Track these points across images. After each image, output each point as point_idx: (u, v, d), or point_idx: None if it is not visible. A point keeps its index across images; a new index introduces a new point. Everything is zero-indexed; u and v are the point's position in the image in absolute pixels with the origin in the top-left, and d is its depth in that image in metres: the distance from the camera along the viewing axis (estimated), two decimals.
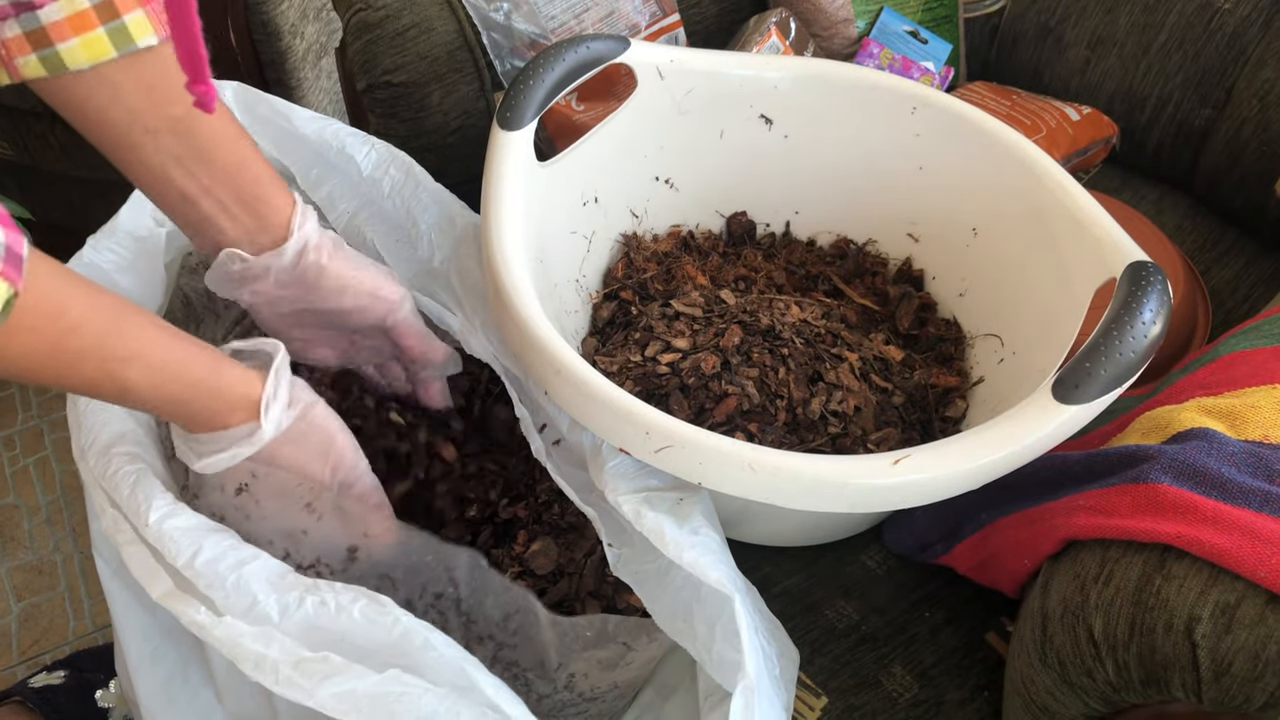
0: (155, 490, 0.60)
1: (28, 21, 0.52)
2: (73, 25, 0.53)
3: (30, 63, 0.53)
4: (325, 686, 0.53)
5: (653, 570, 0.59)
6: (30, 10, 0.52)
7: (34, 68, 0.53)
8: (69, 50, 0.53)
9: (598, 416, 0.60)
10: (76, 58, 0.53)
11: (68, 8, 0.52)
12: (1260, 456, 0.58)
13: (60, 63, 0.53)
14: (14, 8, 0.52)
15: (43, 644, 1.23)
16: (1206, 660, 0.52)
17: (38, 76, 0.53)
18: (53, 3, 0.52)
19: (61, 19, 0.52)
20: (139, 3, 0.55)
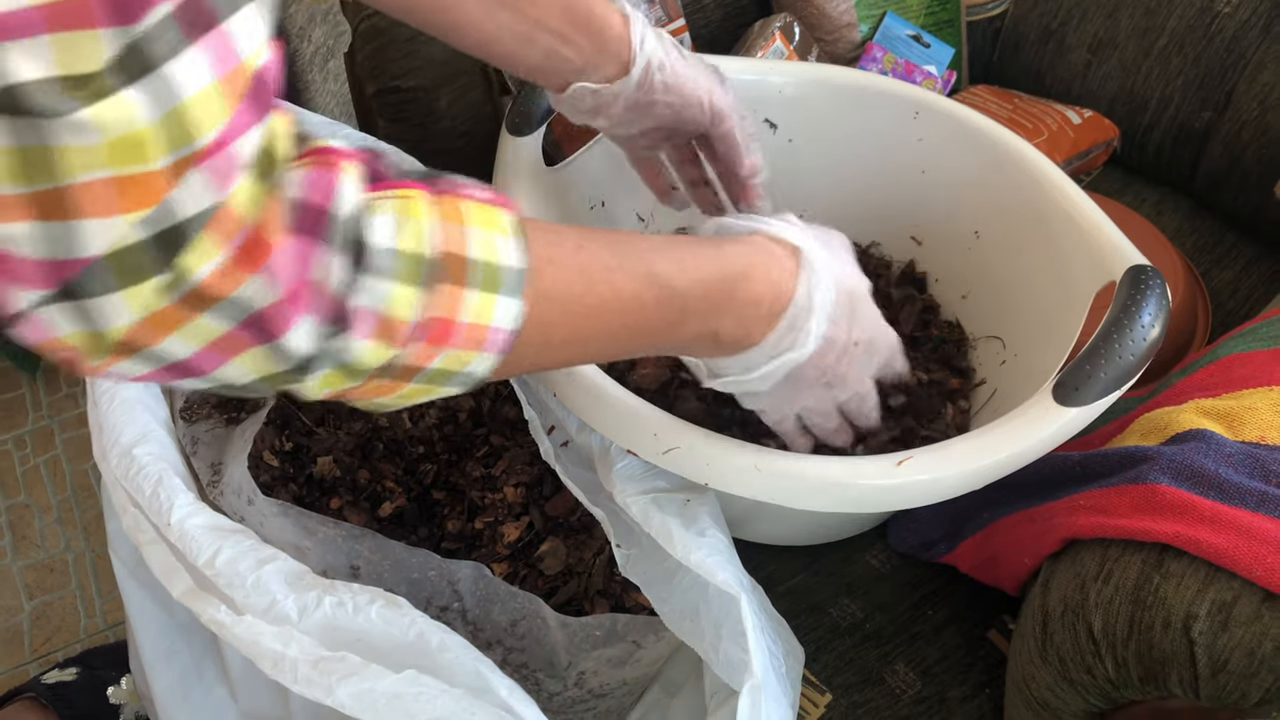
0: (177, 490, 0.62)
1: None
2: None
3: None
4: (344, 686, 0.54)
5: (661, 571, 0.60)
6: None
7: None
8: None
9: (606, 418, 0.61)
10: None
11: None
12: (1257, 457, 0.59)
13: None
14: None
15: (54, 642, 1.25)
16: (1204, 657, 0.53)
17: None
18: None
19: None
20: None
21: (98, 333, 0.32)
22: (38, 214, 0.29)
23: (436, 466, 0.77)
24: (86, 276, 0.31)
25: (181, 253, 0.32)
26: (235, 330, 0.34)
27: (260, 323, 0.34)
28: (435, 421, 0.79)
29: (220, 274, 0.33)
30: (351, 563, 0.62)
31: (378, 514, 0.75)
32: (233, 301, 0.33)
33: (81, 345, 0.33)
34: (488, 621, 0.62)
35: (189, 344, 0.34)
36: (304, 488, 0.75)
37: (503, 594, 0.61)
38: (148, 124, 0.29)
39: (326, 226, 0.35)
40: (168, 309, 0.32)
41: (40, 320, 0.32)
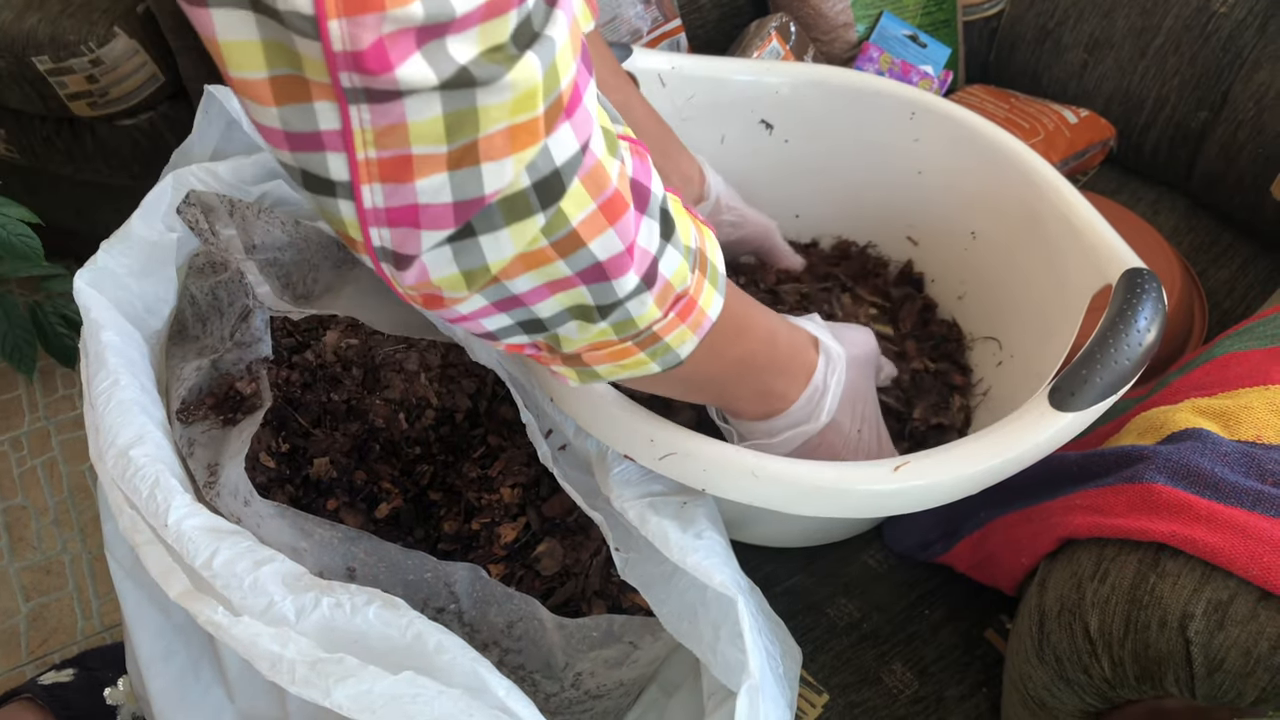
0: (174, 491, 0.62)
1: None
2: None
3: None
4: (341, 687, 0.54)
5: (658, 574, 0.60)
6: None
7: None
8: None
9: (603, 424, 0.61)
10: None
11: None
12: (1253, 456, 0.59)
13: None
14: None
15: (51, 643, 1.24)
16: (1200, 656, 0.53)
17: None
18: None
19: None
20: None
21: (479, 268, 0.38)
22: (451, 165, 0.35)
23: (433, 467, 0.77)
24: (482, 215, 0.36)
25: (560, 199, 0.38)
26: (574, 275, 0.41)
27: (599, 270, 0.41)
28: (432, 422, 0.79)
29: (588, 222, 0.39)
30: (348, 564, 0.62)
31: (374, 515, 0.75)
32: (589, 250, 0.40)
33: (454, 283, 0.39)
34: (484, 623, 0.62)
35: (535, 281, 0.40)
36: (300, 489, 0.75)
37: (499, 595, 0.61)
38: (541, 79, 0.35)
39: (650, 203, 0.42)
40: (543, 249, 0.39)
41: (429, 261, 0.38)
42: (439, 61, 0.32)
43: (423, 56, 0.32)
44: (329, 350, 0.79)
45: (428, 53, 0.32)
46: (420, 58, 0.32)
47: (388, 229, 0.37)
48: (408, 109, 0.33)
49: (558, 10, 0.35)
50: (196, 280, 0.78)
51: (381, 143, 0.34)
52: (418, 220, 0.36)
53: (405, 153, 0.34)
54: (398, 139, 0.34)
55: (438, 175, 0.35)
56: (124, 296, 0.75)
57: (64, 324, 1.16)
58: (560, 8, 0.35)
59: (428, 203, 0.36)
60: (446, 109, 0.33)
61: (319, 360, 0.79)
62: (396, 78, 0.32)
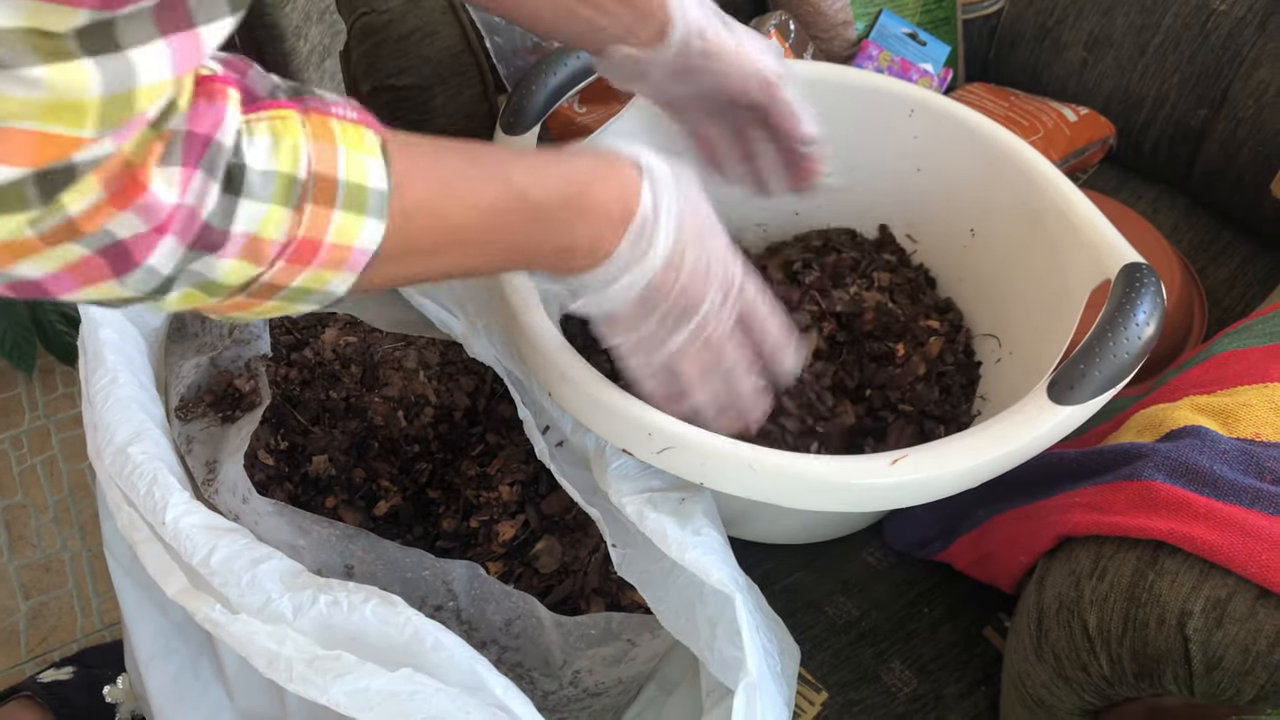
0: (172, 489, 0.61)
1: None
2: None
3: None
4: (339, 684, 0.54)
5: (656, 571, 0.60)
6: None
7: None
8: None
9: (601, 419, 0.61)
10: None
11: None
12: (1251, 454, 0.59)
13: None
14: None
15: (50, 641, 1.24)
16: (1198, 654, 0.53)
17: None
18: None
19: None
20: None
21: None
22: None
23: (432, 465, 0.77)
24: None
25: (61, 192, 0.32)
26: (95, 256, 0.35)
27: (122, 251, 0.35)
28: (430, 420, 0.79)
29: (92, 211, 0.33)
30: (346, 562, 0.62)
31: (373, 513, 0.75)
32: (100, 234, 0.34)
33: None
34: (482, 621, 0.62)
35: (44, 268, 0.35)
36: (299, 486, 0.75)
37: (497, 593, 0.61)
38: (95, 96, 0.30)
39: (208, 154, 0.36)
40: (28, 239, 0.33)
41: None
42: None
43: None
44: (328, 348, 0.79)
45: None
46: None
47: None
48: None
49: (162, 40, 0.31)
50: None
51: None
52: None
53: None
54: None
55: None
56: None
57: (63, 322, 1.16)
58: (170, 40, 0.31)
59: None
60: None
61: (318, 358, 0.79)
62: None
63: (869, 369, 0.78)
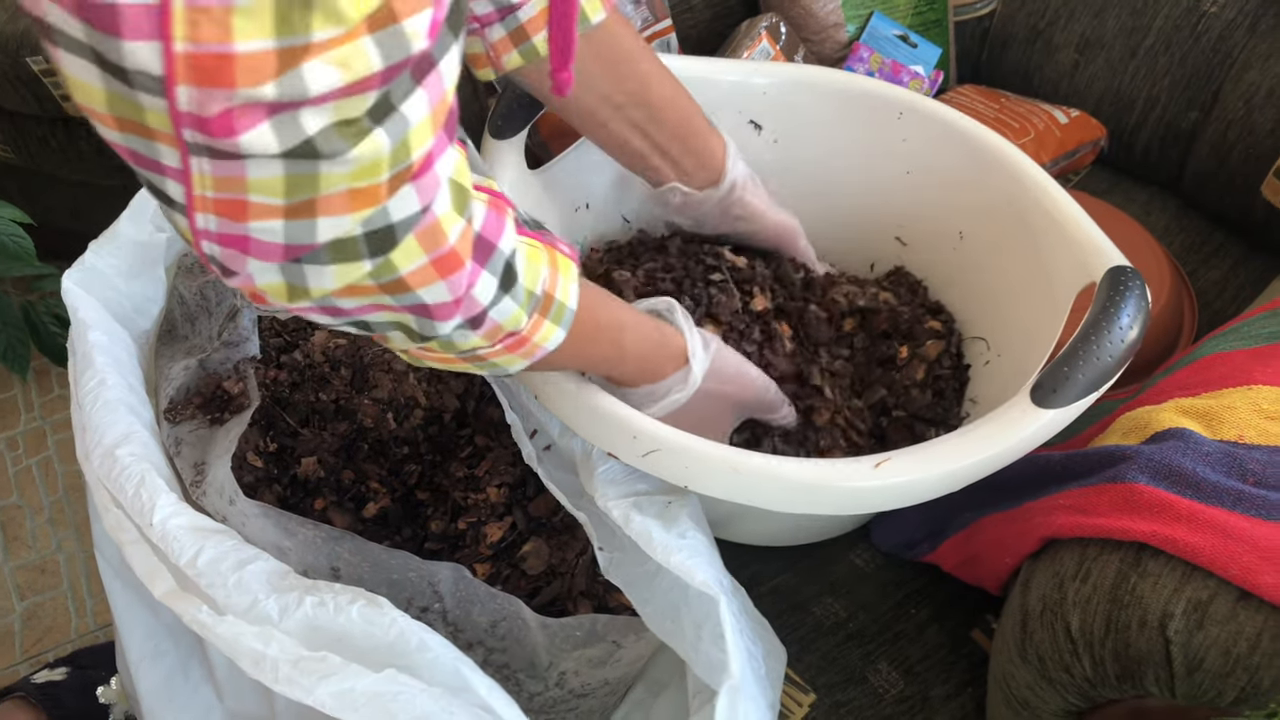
0: (159, 490, 0.62)
1: (510, 23, 0.63)
2: (543, 17, 0.63)
3: (512, 58, 0.64)
4: (324, 685, 0.54)
5: (642, 573, 0.60)
6: (512, 11, 0.62)
7: (514, 60, 0.64)
8: (541, 40, 0.63)
9: (587, 422, 0.61)
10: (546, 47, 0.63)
11: (540, 4, 0.62)
12: (1234, 456, 0.59)
13: (535, 52, 0.64)
14: (499, 13, 0.63)
15: (45, 642, 1.25)
16: (1179, 656, 0.53)
17: (517, 67, 0.65)
18: (528, 2, 0.62)
19: (535, 14, 0.63)
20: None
21: (301, 288, 0.40)
22: (288, 215, 0.36)
23: (421, 467, 0.78)
24: (310, 255, 0.38)
25: (390, 251, 0.39)
26: (400, 307, 0.43)
27: (425, 310, 0.44)
28: (420, 422, 0.80)
29: (420, 273, 0.41)
30: (332, 564, 0.62)
31: (362, 514, 0.75)
32: (415, 294, 0.42)
33: (279, 292, 0.40)
34: (468, 622, 0.62)
35: (359, 303, 0.42)
36: (288, 488, 0.75)
37: (483, 595, 0.61)
38: (388, 153, 0.36)
39: (493, 258, 0.45)
40: (368, 286, 0.41)
41: (254, 273, 0.39)
42: (286, 131, 0.33)
43: (270, 127, 0.32)
44: (317, 350, 0.80)
45: (277, 123, 0.32)
46: (268, 127, 0.32)
47: (218, 247, 0.38)
48: (248, 168, 0.34)
49: (420, 89, 0.36)
50: (185, 280, 0.78)
51: (219, 187, 0.35)
52: (248, 249, 0.37)
53: (241, 198, 0.35)
54: (235, 187, 0.35)
55: (273, 221, 0.36)
56: (112, 296, 0.75)
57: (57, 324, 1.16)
58: (424, 86, 0.36)
59: (259, 239, 0.37)
60: (288, 172, 0.34)
61: (307, 360, 0.79)
62: (239, 144, 0.32)
63: (876, 372, 0.79)
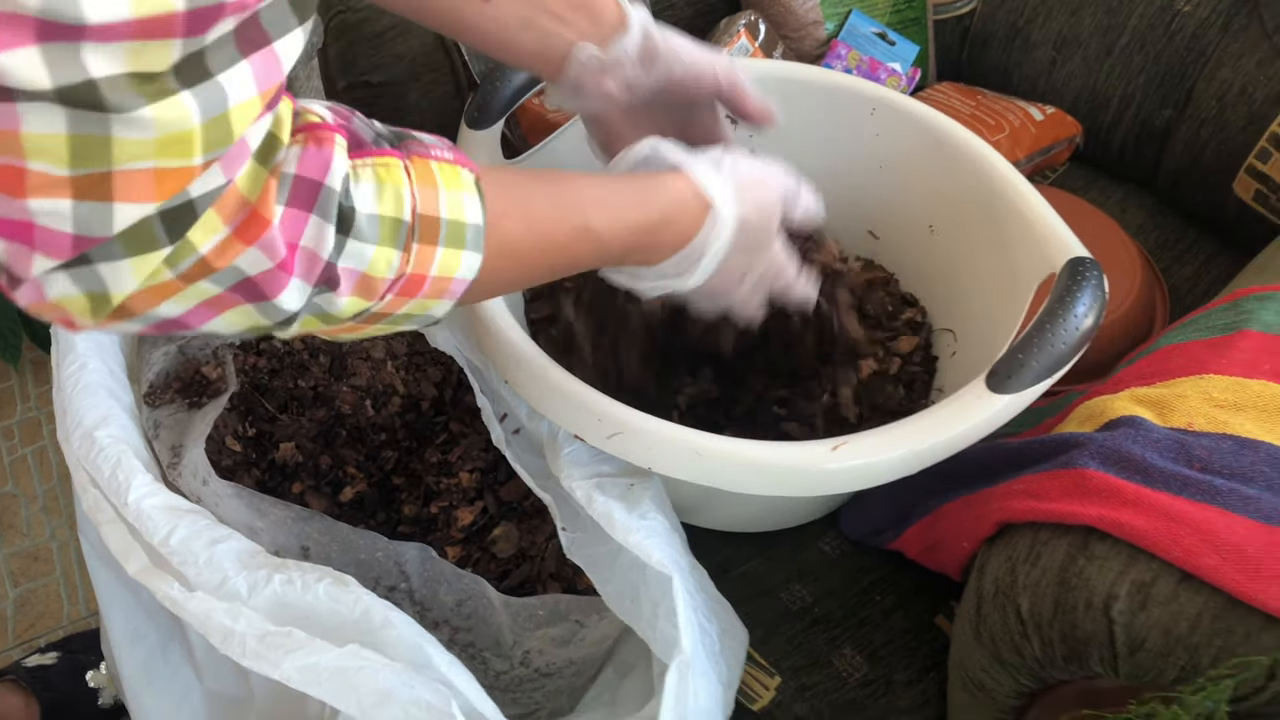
0: (135, 471, 0.63)
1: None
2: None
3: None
4: (289, 659, 0.56)
5: (604, 553, 0.62)
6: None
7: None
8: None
9: (553, 404, 0.63)
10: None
11: None
12: (1183, 443, 0.60)
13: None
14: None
15: (38, 628, 1.26)
16: (1122, 636, 0.55)
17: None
18: None
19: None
20: None
21: (101, 295, 0.35)
22: (76, 194, 0.32)
23: (397, 453, 0.79)
24: (101, 249, 0.34)
25: (189, 230, 0.35)
26: (227, 293, 0.38)
27: (253, 286, 0.38)
28: (398, 409, 0.81)
29: (221, 247, 0.36)
30: (302, 543, 0.64)
31: (339, 499, 0.77)
32: (230, 270, 0.37)
33: (81, 308, 0.36)
34: (434, 601, 0.64)
35: (183, 305, 0.38)
36: (266, 472, 0.76)
37: (448, 574, 0.63)
38: (197, 125, 0.33)
39: (320, 198, 0.39)
40: (169, 280, 0.36)
41: (44, 284, 0.35)
42: (61, 64, 0.29)
43: (40, 53, 0.29)
44: (296, 337, 0.81)
45: (48, 51, 0.29)
46: (36, 53, 0.29)
47: (5, 239, 0.34)
48: (22, 116, 0.30)
49: (245, 62, 0.33)
50: None
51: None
52: (31, 239, 0.33)
53: (19, 164, 0.31)
54: (10, 146, 0.31)
55: (59, 200, 0.32)
56: None
57: None
58: (251, 60, 0.33)
59: (44, 225, 0.33)
60: (72, 129, 0.31)
61: (286, 347, 0.80)
62: (1, 65, 0.29)
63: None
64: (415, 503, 0.74)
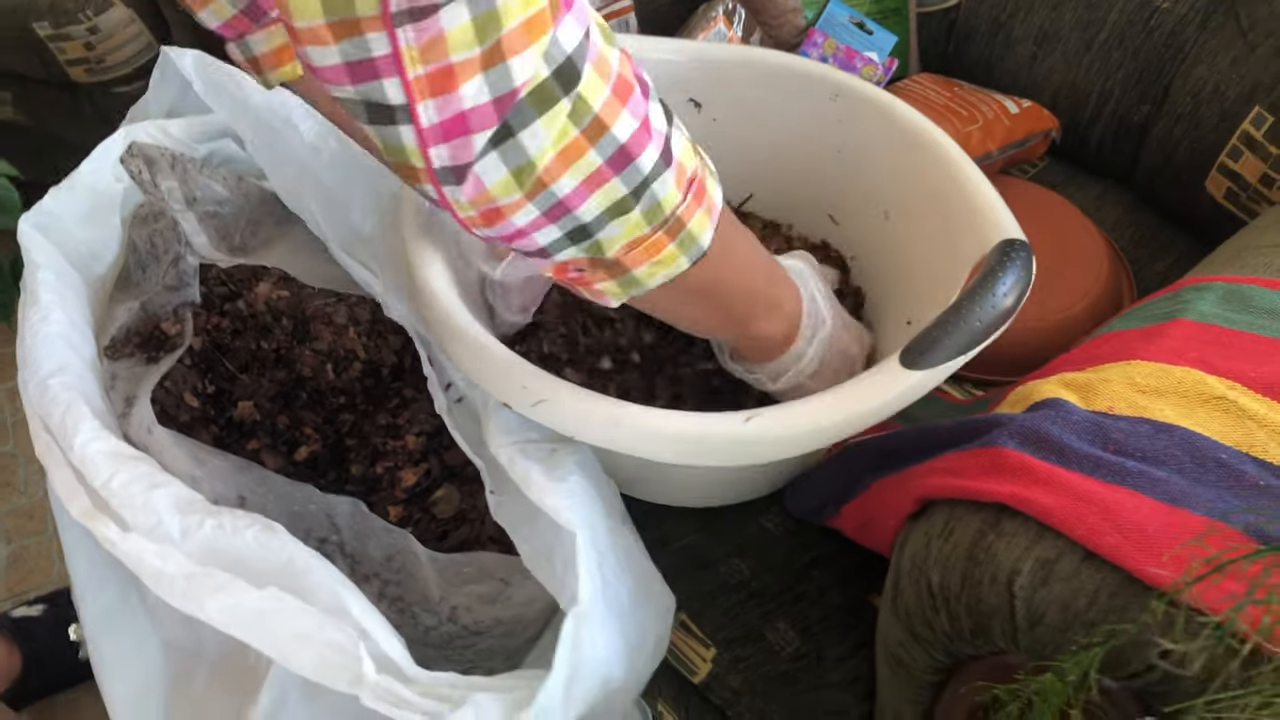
0: (83, 418, 0.66)
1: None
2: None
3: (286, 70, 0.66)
4: (212, 600, 0.58)
5: (524, 515, 0.63)
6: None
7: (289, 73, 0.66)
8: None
9: (484, 372, 0.64)
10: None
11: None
12: (1101, 425, 0.61)
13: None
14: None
15: (28, 583, 1.30)
16: (1022, 611, 0.55)
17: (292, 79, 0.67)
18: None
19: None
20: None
21: (525, 165, 0.42)
22: (484, 64, 0.39)
23: (354, 417, 0.81)
24: (516, 110, 0.41)
25: (579, 84, 0.42)
26: (605, 165, 0.45)
27: (623, 153, 0.45)
28: (358, 374, 0.83)
29: (607, 106, 0.43)
30: (239, 493, 0.66)
31: (294, 458, 0.79)
32: (611, 135, 0.44)
33: (506, 187, 0.43)
34: (365, 555, 0.66)
35: (575, 179, 0.44)
36: (224, 429, 0.79)
37: (378, 529, 0.64)
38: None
39: (649, 89, 0.46)
40: (576, 138, 0.43)
41: (482, 175, 0.42)
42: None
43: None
44: (260, 300, 0.84)
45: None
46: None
47: (444, 145, 0.41)
48: (443, 20, 0.37)
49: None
50: (138, 228, 0.82)
51: (426, 58, 0.38)
52: (467, 125, 0.41)
53: (447, 63, 0.39)
54: (439, 51, 0.38)
55: (476, 77, 0.39)
56: (68, 241, 0.79)
57: None
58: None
59: (472, 106, 0.40)
60: (473, 13, 0.38)
61: (250, 310, 0.83)
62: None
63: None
64: (362, 463, 0.76)
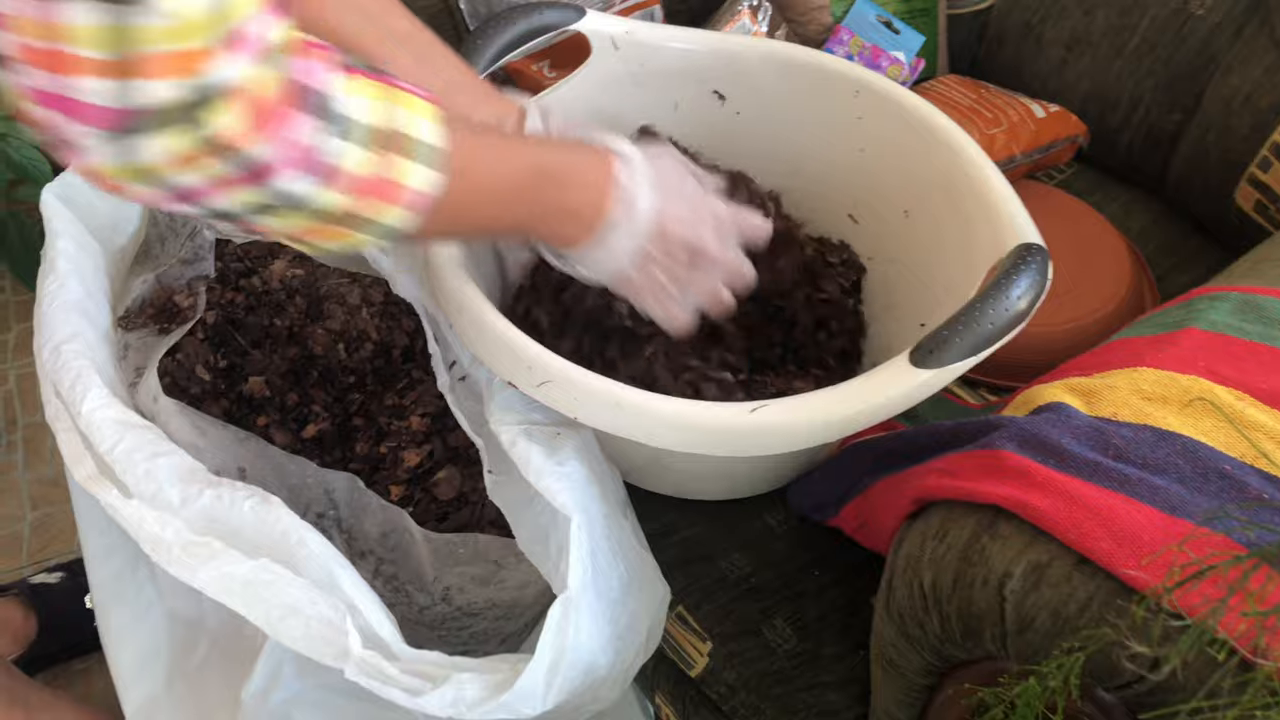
0: (93, 385, 0.67)
1: None
2: None
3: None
4: (205, 569, 0.59)
5: (521, 498, 0.63)
6: None
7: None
8: None
9: (490, 350, 0.65)
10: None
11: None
12: (1103, 431, 0.60)
13: None
14: None
15: (49, 550, 1.33)
16: (1012, 614, 0.55)
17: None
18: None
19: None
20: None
21: (132, 163, 0.42)
22: (116, 75, 0.39)
23: (363, 396, 0.82)
24: (138, 121, 0.40)
25: (211, 112, 0.42)
26: (236, 173, 0.44)
27: (258, 170, 0.45)
28: (370, 355, 0.84)
29: (239, 132, 0.43)
30: (239, 464, 0.67)
31: (301, 435, 0.79)
32: (244, 154, 0.44)
33: (113, 171, 0.43)
34: (360, 531, 0.66)
35: (197, 178, 0.44)
36: (235, 404, 0.80)
37: (374, 506, 0.65)
38: (204, 14, 0.40)
39: (311, 99, 0.46)
40: (191, 152, 0.42)
41: (86, 149, 0.41)
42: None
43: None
44: (275, 278, 0.84)
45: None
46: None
47: (54, 110, 0.40)
48: (67, 9, 0.37)
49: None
50: None
51: (39, 34, 0.38)
52: (80, 113, 0.40)
53: (60, 49, 0.38)
54: (56, 35, 0.38)
55: (99, 79, 0.39)
56: (90, 212, 0.80)
57: None
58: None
59: (91, 101, 0.40)
60: (107, 20, 0.38)
61: (265, 286, 0.84)
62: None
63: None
64: (367, 442, 0.77)
